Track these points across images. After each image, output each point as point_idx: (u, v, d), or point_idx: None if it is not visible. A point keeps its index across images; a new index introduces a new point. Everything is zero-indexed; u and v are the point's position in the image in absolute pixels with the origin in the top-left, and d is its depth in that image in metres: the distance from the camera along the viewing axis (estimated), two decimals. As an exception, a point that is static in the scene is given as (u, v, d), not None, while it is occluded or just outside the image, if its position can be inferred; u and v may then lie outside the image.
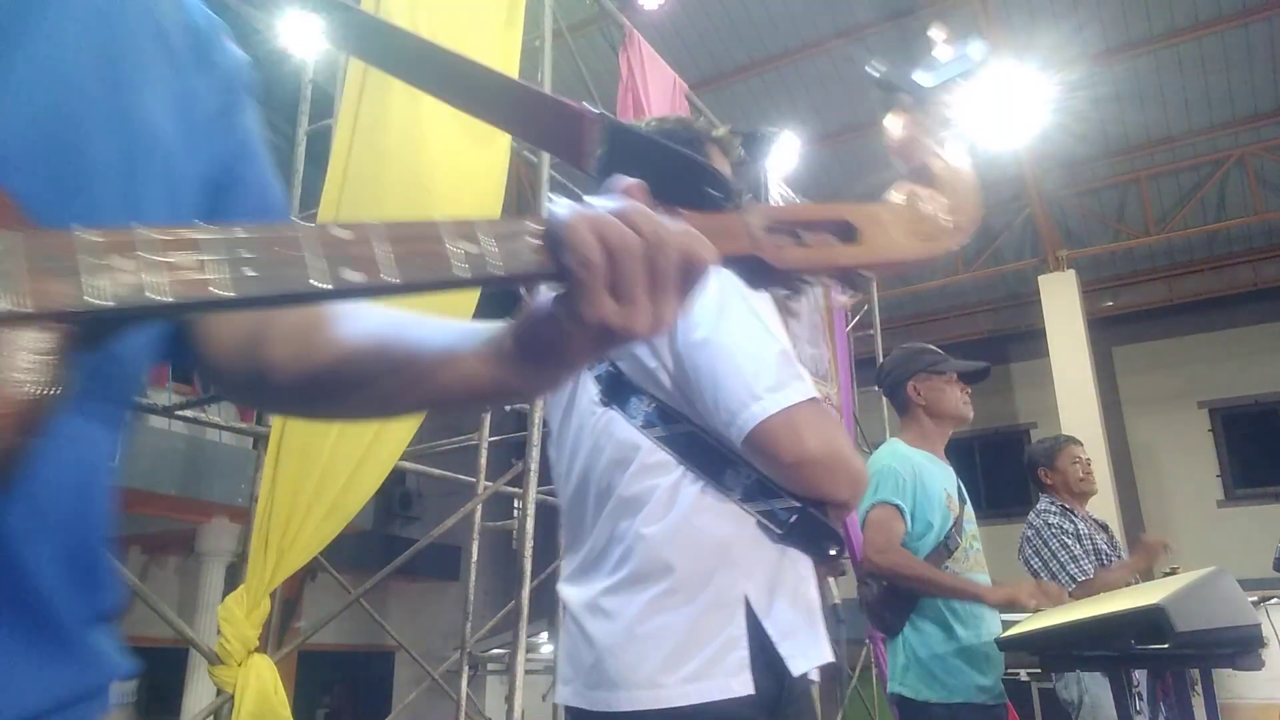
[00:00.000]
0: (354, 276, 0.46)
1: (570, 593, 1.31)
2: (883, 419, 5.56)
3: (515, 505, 4.83)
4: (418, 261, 0.47)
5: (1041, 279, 10.22)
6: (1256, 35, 7.97)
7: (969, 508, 2.65)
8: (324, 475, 2.69)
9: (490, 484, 4.03)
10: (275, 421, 2.82)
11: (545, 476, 4.54)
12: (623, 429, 1.28)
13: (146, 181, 0.59)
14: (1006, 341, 11.53)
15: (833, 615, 1.28)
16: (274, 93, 7.96)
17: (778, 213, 0.59)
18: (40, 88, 0.54)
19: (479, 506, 3.99)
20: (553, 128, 0.65)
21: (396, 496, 10.10)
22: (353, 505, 2.77)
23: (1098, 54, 8.15)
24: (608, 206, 0.51)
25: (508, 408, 3.80)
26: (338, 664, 10.85)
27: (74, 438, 0.52)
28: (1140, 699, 2.47)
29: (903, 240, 0.63)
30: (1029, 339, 10.83)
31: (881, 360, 2.99)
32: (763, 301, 1.24)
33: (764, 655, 1.15)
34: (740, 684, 1.13)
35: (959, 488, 2.65)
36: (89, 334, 0.43)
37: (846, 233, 0.60)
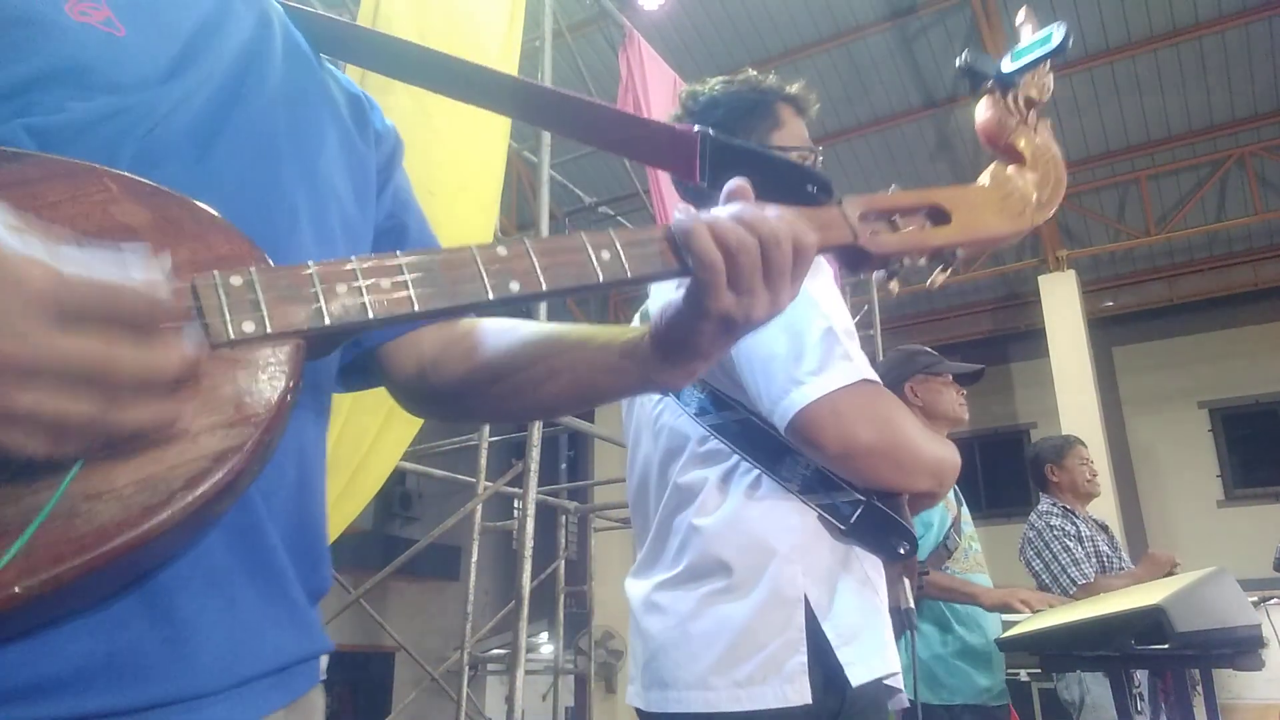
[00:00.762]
0: (515, 286, 0.55)
1: (632, 587, 1.25)
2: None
3: (515, 505, 4.82)
4: (564, 270, 0.56)
5: (1041, 279, 10.22)
6: (1256, 35, 7.97)
7: (965, 508, 2.65)
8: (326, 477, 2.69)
9: (490, 484, 4.03)
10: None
11: (545, 476, 4.53)
12: (677, 417, 1.22)
13: (329, 226, 0.69)
14: (1006, 341, 11.52)
15: (905, 620, 1.16)
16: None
17: (872, 202, 0.64)
18: (248, 148, 0.64)
19: (479, 506, 4.00)
20: (663, 149, 0.74)
21: (396, 496, 10.10)
22: (354, 507, 2.77)
23: (1098, 53, 8.15)
24: (723, 210, 0.58)
25: (508, 408, 3.80)
26: (338, 664, 10.85)
27: (294, 432, 0.60)
28: (1141, 699, 2.47)
29: (993, 219, 0.67)
30: (1029, 339, 10.83)
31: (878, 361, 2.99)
32: (821, 278, 1.15)
33: (823, 662, 1.06)
34: (796, 692, 1.04)
35: (954, 489, 2.65)
36: (315, 348, 0.53)
37: (938, 215, 0.65)
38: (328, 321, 0.50)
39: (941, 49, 8.18)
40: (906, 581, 1.17)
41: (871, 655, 1.09)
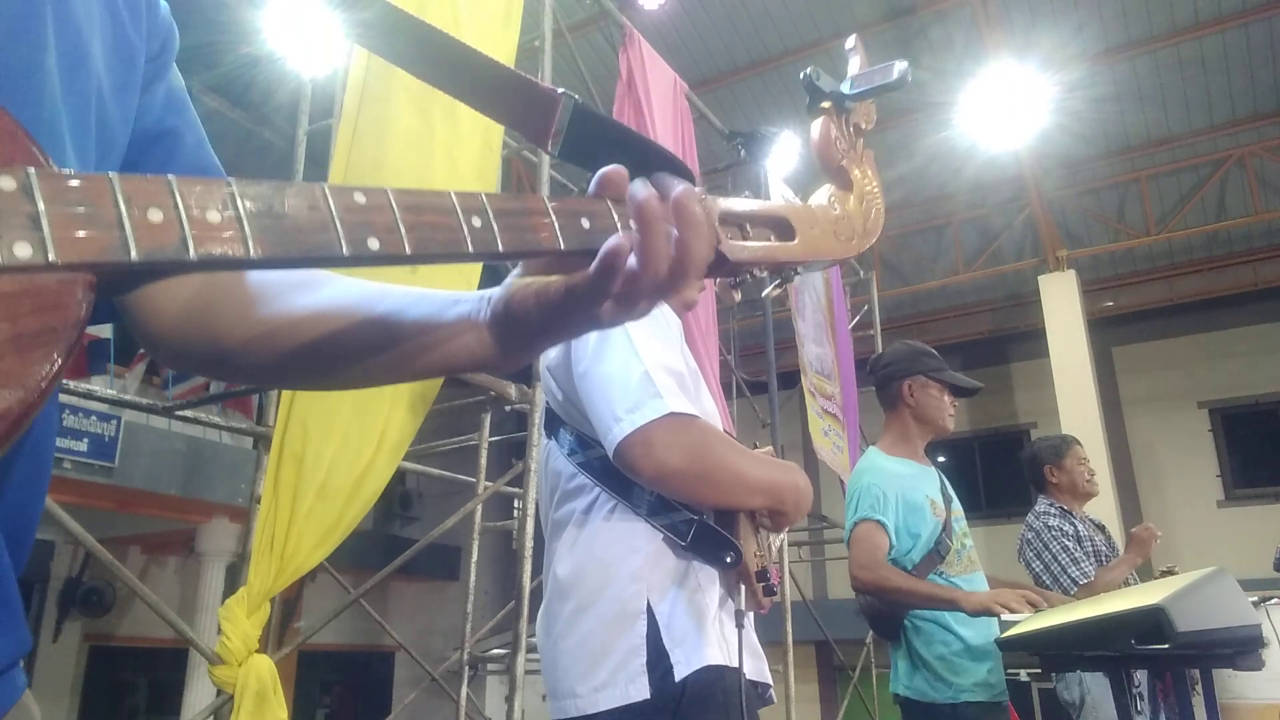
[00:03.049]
0: (374, 244, 0.45)
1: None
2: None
3: (515, 505, 4.83)
4: (431, 234, 0.47)
5: (1041, 279, 10.22)
6: (1256, 35, 7.97)
7: (956, 505, 2.63)
8: (327, 481, 2.69)
9: (490, 484, 4.03)
10: (278, 426, 2.81)
11: (545, 476, 4.54)
12: (556, 458, 1.40)
13: (85, 123, 0.57)
14: (1006, 341, 11.53)
15: (738, 620, 1.30)
16: (274, 93, 7.97)
17: (730, 205, 0.61)
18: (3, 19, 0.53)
19: (479, 506, 3.99)
20: (519, 106, 0.65)
21: (396, 496, 10.11)
22: (356, 512, 2.77)
23: (1098, 54, 8.15)
24: (636, 206, 0.51)
25: (508, 408, 3.79)
26: (338, 664, 10.85)
27: None
28: (1141, 699, 2.47)
29: (829, 240, 0.67)
30: (1029, 339, 10.83)
31: (874, 355, 2.98)
32: (648, 319, 1.27)
33: (661, 662, 1.23)
34: (637, 690, 1.21)
35: (943, 488, 2.63)
36: (110, 288, 0.41)
37: (785, 230, 0.64)
38: (134, 256, 0.38)
39: (941, 49, 8.17)
40: (743, 586, 1.31)
41: (693, 652, 1.25)
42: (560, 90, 0.64)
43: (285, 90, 7.36)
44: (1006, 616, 2.34)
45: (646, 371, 1.25)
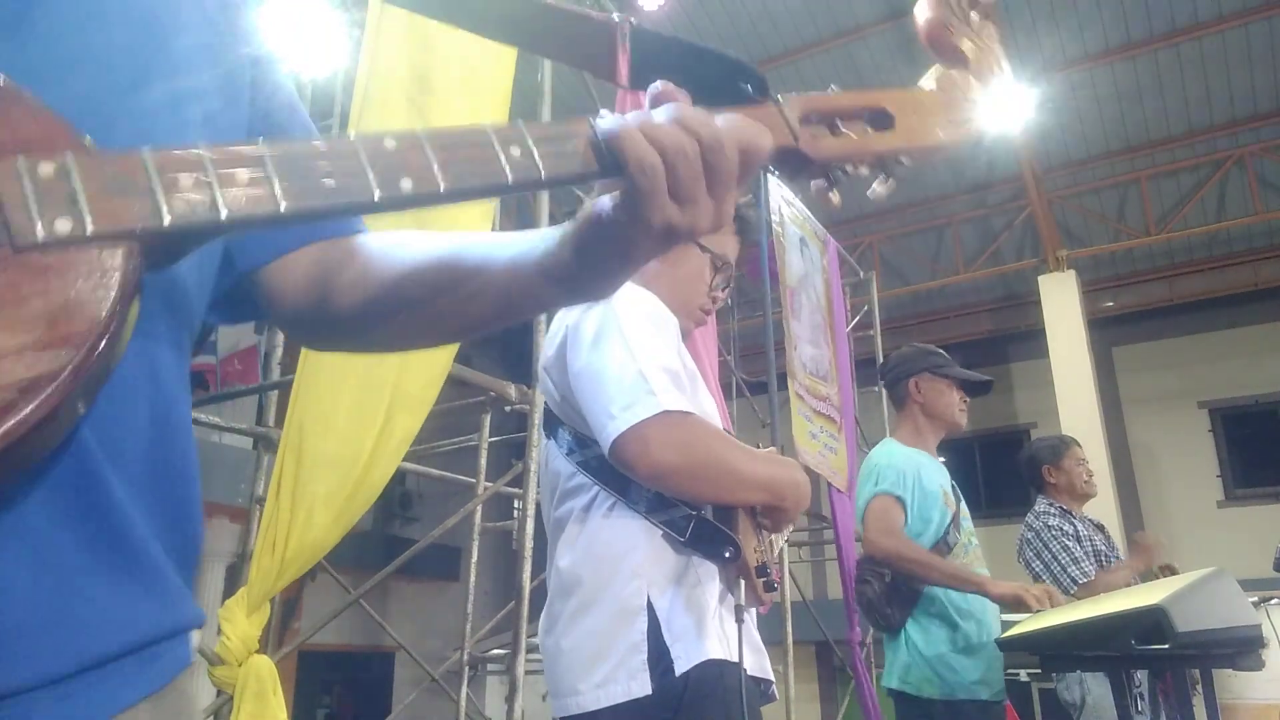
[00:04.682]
0: (407, 185, 0.46)
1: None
2: (883, 419, 5.56)
3: (515, 505, 4.83)
4: (465, 168, 0.48)
5: (1041, 279, 10.22)
6: (1256, 35, 7.97)
7: (964, 504, 2.67)
8: (328, 481, 2.68)
9: (490, 484, 4.03)
10: (281, 427, 2.81)
11: (545, 477, 4.54)
12: (555, 458, 1.41)
13: (187, 121, 0.58)
14: (1006, 341, 11.53)
15: (737, 615, 1.31)
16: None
17: (814, 102, 0.59)
18: (90, 19, 0.54)
19: (479, 506, 4.00)
20: (580, 43, 0.64)
21: (396, 496, 10.10)
22: (357, 510, 2.77)
23: (1098, 54, 8.15)
24: (659, 112, 0.52)
25: (508, 408, 3.80)
26: (338, 664, 10.84)
27: (145, 359, 0.51)
28: (1141, 699, 2.47)
29: (937, 126, 0.62)
30: (1029, 339, 10.83)
31: (883, 359, 3.00)
32: (640, 320, 1.31)
33: (662, 658, 1.24)
34: (639, 686, 1.22)
35: (953, 486, 2.67)
36: (155, 256, 0.43)
37: (882, 120, 0.60)
38: (167, 220, 0.40)
39: (941, 49, 8.18)
40: (743, 582, 1.31)
41: (693, 646, 1.25)
42: (615, 17, 0.64)
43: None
44: (1007, 616, 2.34)
45: (641, 369, 1.26)
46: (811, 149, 0.57)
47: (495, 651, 8.12)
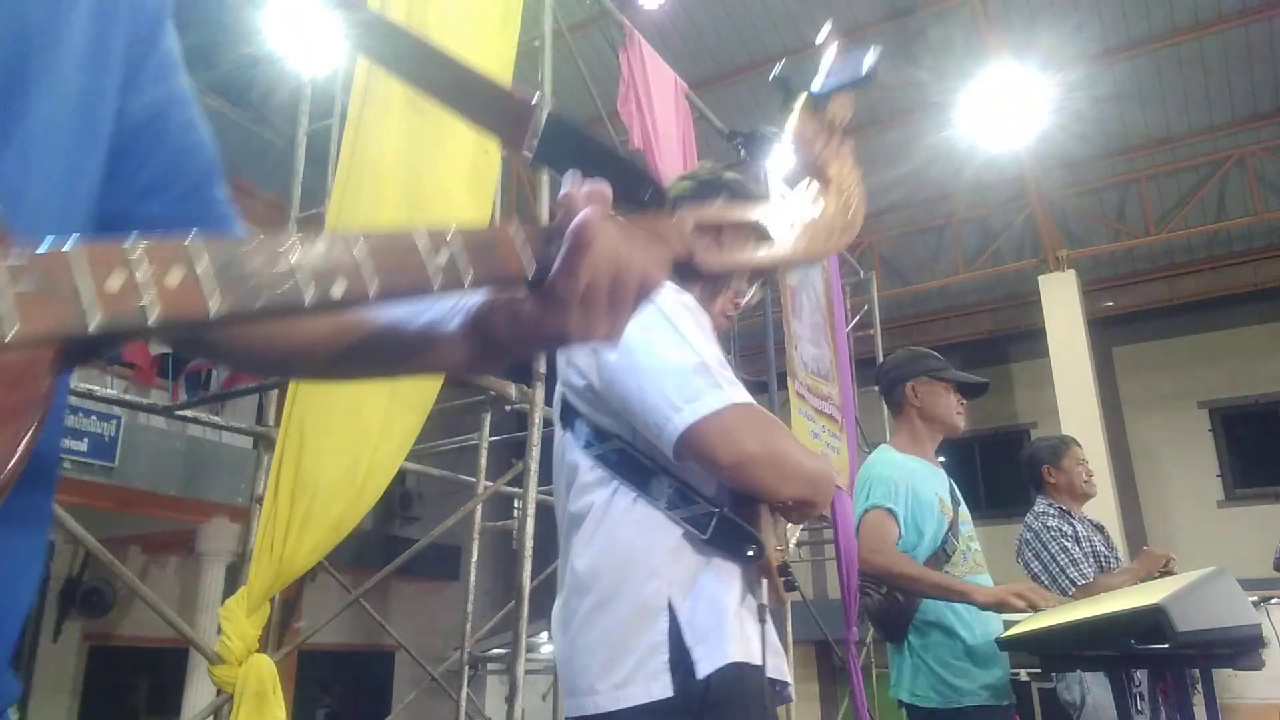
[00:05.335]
0: (338, 290, 0.46)
1: (554, 607, 1.41)
2: (883, 419, 5.55)
3: (515, 505, 4.83)
4: (397, 274, 0.49)
5: (1041, 279, 10.22)
6: (1256, 35, 7.97)
7: (964, 508, 2.65)
8: (327, 481, 2.68)
9: (490, 484, 4.02)
10: (282, 428, 2.81)
11: (545, 476, 4.54)
12: (571, 450, 1.38)
13: (40, 98, 0.56)
14: (1006, 341, 11.52)
15: (760, 614, 1.30)
16: (274, 93, 7.97)
17: (703, 215, 0.63)
18: None
19: (479, 506, 3.99)
20: (497, 112, 0.67)
21: (396, 496, 10.10)
22: (358, 512, 2.77)
23: (1098, 54, 8.15)
24: (584, 228, 0.53)
25: (508, 408, 3.80)
26: (338, 664, 10.84)
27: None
28: (1141, 699, 2.47)
29: (806, 241, 0.68)
30: (1029, 339, 10.82)
31: (882, 359, 3.00)
32: (684, 312, 1.30)
33: (683, 659, 1.21)
34: (660, 688, 1.19)
35: (951, 489, 2.65)
36: (76, 354, 0.42)
37: (760, 234, 0.66)
38: (92, 327, 0.38)
39: (941, 49, 8.17)
40: (765, 581, 1.30)
41: (716, 648, 1.22)
42: (535, 98, 0.66)
43: (285, 90, 7.35)
44: (1008, 616, 2.34)
45: (704, 362, 1.24)
46: (704, 261, 0.61)
47: (495, 651, 8.13)
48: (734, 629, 1.25)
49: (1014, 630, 2.24)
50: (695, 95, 5.22)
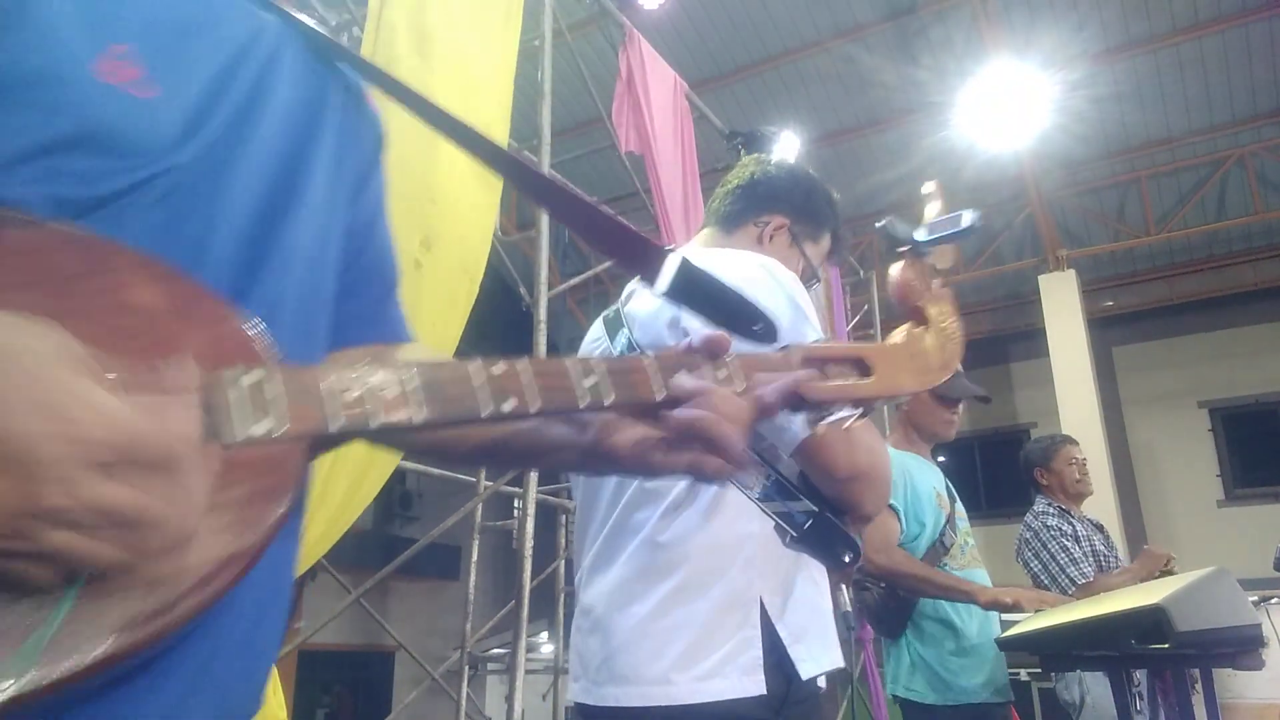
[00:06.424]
0: (508, 406, 0.58)
1: (589, 584, 1.29)
2: (882, 416, 5.56)
3: (515, 505, 4.82)
4: (552, 395, 0.60)
5: (1041, 279, 10.22)
6: (1256, 35, 7.96)
7: (959, 505, 2.67)
8: (328, 481, 2.68)
9: (490, 484, 4.03)
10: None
11: (545, 476, 4.54)
12: None
13: (293, 217, 0.68)
14: (1006, 341, 11.52)
15: (843, 622, 1.29)
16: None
17: (810, 350, 0.71)
18: (250, 201, 0.66)
19: (479, 506, 3.99)
20: (632, 252, 0.78)
21: (396, 496, 10.10)
22: (356, 508, 2.77)
23: (1098, 54, 8.14)
24: (717, 386, 0.65)
25: (508, 408, 3.79)
26: (338, 664, 10.84)
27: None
28: (1141, 699, 2.47)
29: (906, 376, 0.74)
30: (1029, 339, 10.82)
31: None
32: (812, 310, 1.23)
33: (775, 656, 1.16)
34: (754, 683, 1.14)
35: (947, 486, 2.67)
36: (318, 449, 0.56)
37: (863, 368, 0.72)
38: (331, 429, 0.51)
39: (941, 49, 8.17)
40: (845, 587, 1.31)
41: (819, 652, 1.20)
42: (669, 247, 0.78)
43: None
44: (1006, 615, 2.34)
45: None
46: (809, 392, 0.68)
47: (495, 651, 8.12)
48: (832, 633, 1.23)
49: (1014, 630, 2.24)
50: (695, 95, 5.22)
